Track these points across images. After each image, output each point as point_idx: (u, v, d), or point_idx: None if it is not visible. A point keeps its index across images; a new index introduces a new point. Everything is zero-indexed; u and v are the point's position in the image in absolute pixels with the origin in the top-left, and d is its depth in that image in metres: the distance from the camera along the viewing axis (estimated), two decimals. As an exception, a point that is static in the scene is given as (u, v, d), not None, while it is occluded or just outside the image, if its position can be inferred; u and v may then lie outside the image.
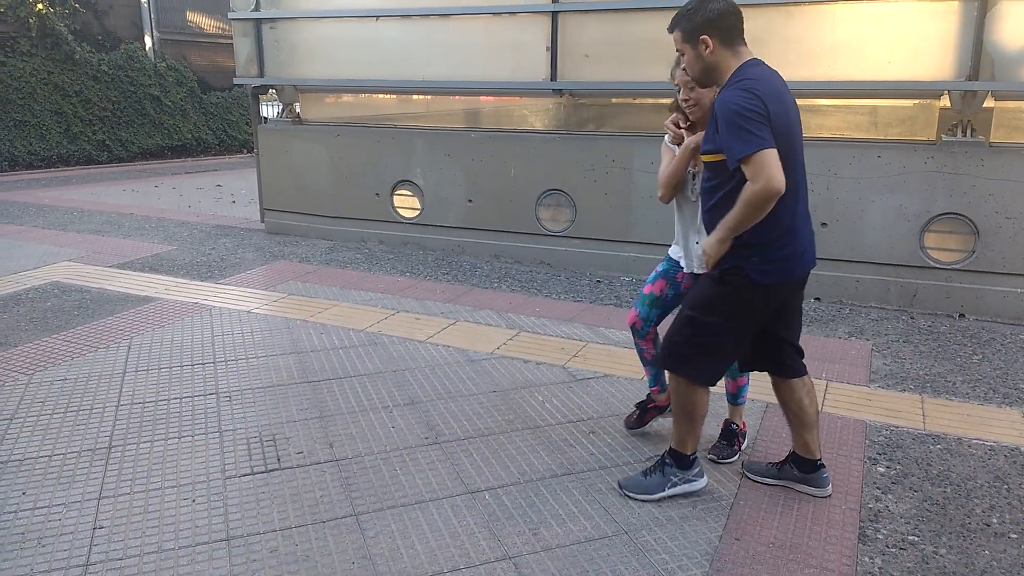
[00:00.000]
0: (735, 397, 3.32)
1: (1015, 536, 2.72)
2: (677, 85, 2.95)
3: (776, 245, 2.63)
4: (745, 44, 2.68)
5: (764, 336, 2.85)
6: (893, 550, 2.63)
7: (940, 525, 2.78)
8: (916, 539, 2.70)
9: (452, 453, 3.25)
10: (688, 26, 2.65)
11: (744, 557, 2.57)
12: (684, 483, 2.92)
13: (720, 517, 2.80)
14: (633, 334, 3.30)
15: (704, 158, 2.71)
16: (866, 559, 2.58)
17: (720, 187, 2.65)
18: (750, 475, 3.08)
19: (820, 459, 2.96)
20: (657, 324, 3.25)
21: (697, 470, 2.95)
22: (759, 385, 3.97)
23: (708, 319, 2.73)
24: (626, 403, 3.75)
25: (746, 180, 2.49)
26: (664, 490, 2.90)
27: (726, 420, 3.35)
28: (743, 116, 2.47)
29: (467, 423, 3.53)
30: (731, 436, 3.29)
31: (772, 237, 2.61)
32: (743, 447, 3.30)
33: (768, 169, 2.43)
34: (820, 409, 3.72)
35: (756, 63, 2.66)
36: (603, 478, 3.06)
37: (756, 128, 2.46)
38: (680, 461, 2.90)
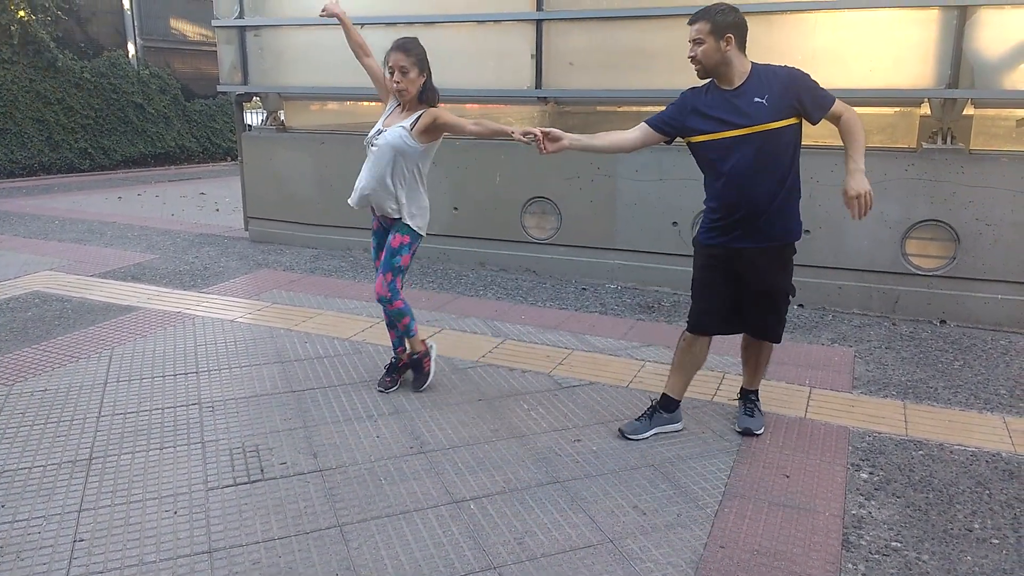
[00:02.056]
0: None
1: (996, 542, 2.74)
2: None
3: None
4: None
5: (739, 298, 3.41)
6: (876, 556, 2.64)
7: (923, 531, 2.80)
8: (899, 545, 2.71)
9: (437, 462, 3.24)
10: (720, 21, 3.14)
11: (729, 564, 2.58)
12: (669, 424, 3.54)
13: (705, 525, 2.81)
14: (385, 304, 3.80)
15: (772, 125, 3.17)
16: (849, 565, 2.59)
17: (776, 156, 3.20)
18: (630, 436, 3.48)
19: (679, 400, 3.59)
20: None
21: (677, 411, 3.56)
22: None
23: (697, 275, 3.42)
24: (611, 410, 3.76)
25: (793, 148, 3.25)
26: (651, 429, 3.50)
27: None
28: (814, 81, 3.20)
29: (452, 432, 3.52)
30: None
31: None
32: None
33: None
34: (804, 415, 3.75)
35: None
36: (588, 487, 3.06)
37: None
38: (668, 405, 3.55)
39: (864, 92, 5.33)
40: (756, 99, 3.15)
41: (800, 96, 3.15)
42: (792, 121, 3.19)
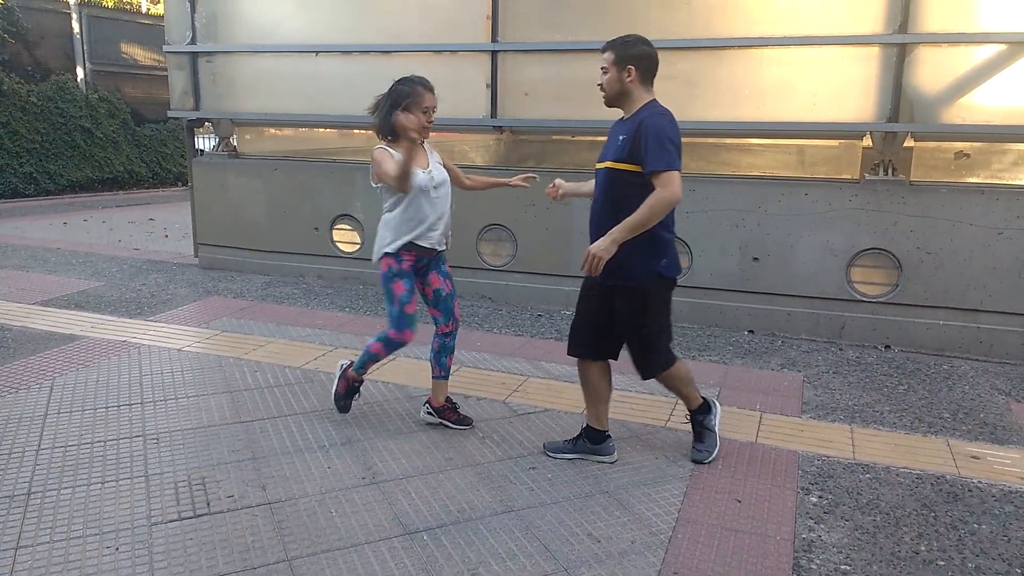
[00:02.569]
0: None
1: (943, 563, 2.79)
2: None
3: (672, 245, 3.33)
4: (652, 87, 3.30)
5: (610, 327, 3.44)
6: (826, 580, 2.67)
7: (871, 554, 2.85)
8: (848, 568, 2.75)
9: (390, 493, 3.19)
10: (623, 52, 3.22)
11: (682, 592, 2.58)
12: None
13: (659, 551, 2.81)
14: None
15: (614, 165, 3.23)
16: (801, 590, 2.61)
17: (619, 194, 3.20)
18: (549, 453, 3.57)
19: (607, 431, 3.57)
20: None
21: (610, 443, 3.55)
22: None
23: (666, 322, 3.42)
24: (567, 437, 3.75)
25: (643, 190, 3.08)
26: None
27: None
28: (670, 139, 3.10)
29: (406, 462, 3.48)
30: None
31: (670, 239, 3.31)
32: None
33: (677, 183, 3.06)
34: (755, 440, 3.79)
35: (661, 105, 3.26)
36: (543, 515, 3.04)
37: (675, 151, 3.11)
38: (595, 437, 3.54)
39: (808, 125, 5.50)
40: (621, 136, 3.22)
41: (640, 144, 3.10)
42: (636, 168, 3.14)
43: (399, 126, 3.43)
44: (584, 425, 3.59)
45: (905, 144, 5.40)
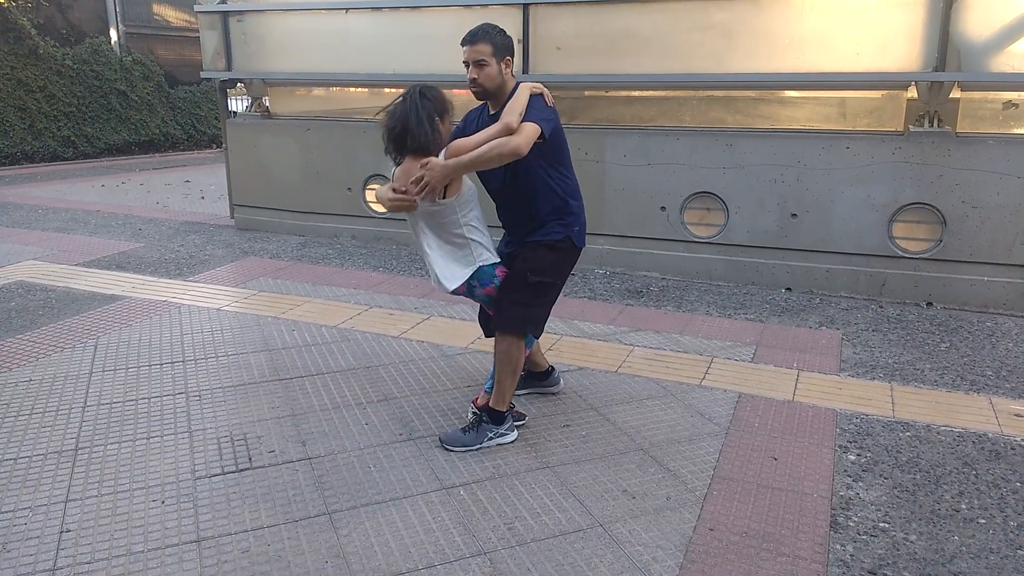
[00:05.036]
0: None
1: (983, 522, 2.76)
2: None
3: (582, 216, 3.33)
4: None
5: None
6: (864, 537, 2.66)
7: (910, 512, 2.82)
8: (887, 526, 2.73)
9: (426, 449, 3.23)
10: (501, 43, 3.11)
11: (718, 547, 2.59)
12: (498, 436, 3.26)
13: (694, 508, 2.81)
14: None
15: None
16: (838, 546, 2.60)
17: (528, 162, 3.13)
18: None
19: (549, 366, 3.74)
20: None
21: (509, 424, 3.31)
22: (732, 375, 4.01)
23: (550, 280, 3.26)
24: (601, 396, 3.76)
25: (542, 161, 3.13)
26: (482, 443, 3.24)
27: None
28: (540, 101, 3.10)
29: (442, 418, 3.52)
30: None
31: (580, 211, 3.31)
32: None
33: (526, 136, 2.95)
34: (792, 398, 3.76)
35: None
36: (577, 471, 3.06)
37: (545, 110, 3.07)
38: (496, 417, 3.28)
39: (851, 76, 5.33)
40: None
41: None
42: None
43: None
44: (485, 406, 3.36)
45: (951, 95, 5.22)
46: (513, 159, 2.97)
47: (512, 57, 3.16)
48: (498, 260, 3.31)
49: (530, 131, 2.97)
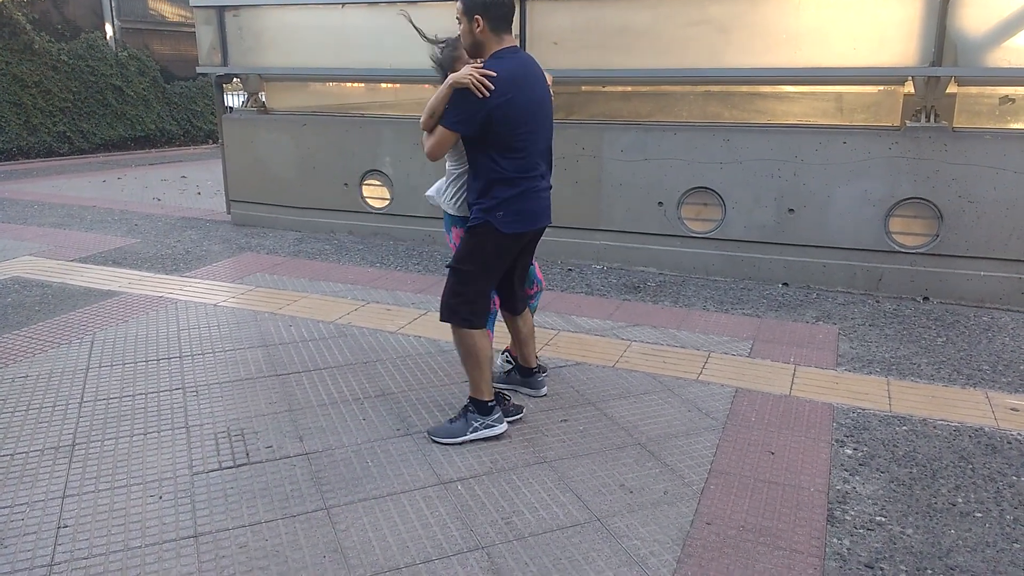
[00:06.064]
0: None
1: (980, 515, 2.77)
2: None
3: (515, 202, 3.09)
4: (510, 33, 3.10)
5: (507, 283, 3.39)
6: (861, 531, 2.67)
7: (907, 506, 2.83)
8: (883, 520, 2.74)
9: (424, 444, 3.23)
10: (469, 2, 3.03)
11: (715, 540, 2.59)
12: (484, 427, 3.23)
13: (691, 502, 2.82)
14: None
15: None
16: (835, 540, 2.61)
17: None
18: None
19: (536, 367, 3.66)
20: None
21: (497, 415, 3.26)
22: (729, 370, 4.01)
23: (467, 268, 3.16)
24: (598, 391, 3.76)
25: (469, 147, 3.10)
26: (467, 434, 3.21)
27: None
28: (461, 95, 2.95)
29: (439, 413, 3.52)
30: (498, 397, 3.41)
31: (511, 196, 3.07)
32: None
33: (437, 142, 3.03)
34: (789, 393, 3.77)
35: (513, 51, 3.07)
36: (575, 466, 3.07)
37: (462, 110, 2.96)
38: (480, 407, 3.23)
39: (848, 71, 5.33)
40: None
41: None
42: None
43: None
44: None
45: (948, 90, 5.22)
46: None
47: (483, 16, 2.98)
48: (467, 222, 3.22)
49: (438, 137, 3.04)
